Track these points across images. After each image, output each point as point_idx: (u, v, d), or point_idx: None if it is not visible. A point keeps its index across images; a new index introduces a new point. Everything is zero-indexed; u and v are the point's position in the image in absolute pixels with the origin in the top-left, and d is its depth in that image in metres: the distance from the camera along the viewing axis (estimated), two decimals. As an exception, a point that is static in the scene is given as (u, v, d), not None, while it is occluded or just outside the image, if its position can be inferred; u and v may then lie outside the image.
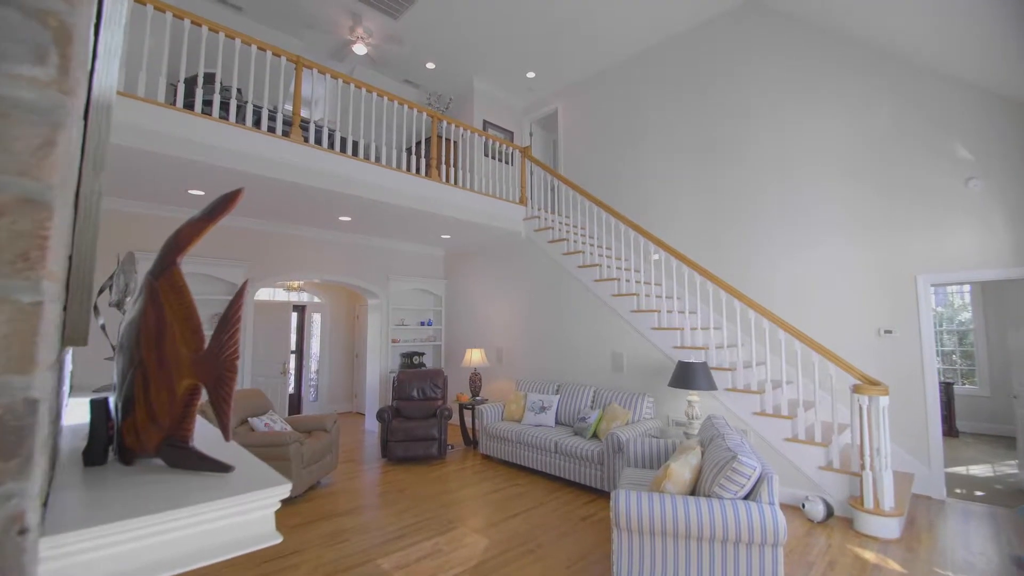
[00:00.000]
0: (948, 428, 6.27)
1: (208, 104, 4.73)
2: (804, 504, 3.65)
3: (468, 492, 4.33)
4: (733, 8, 5.72)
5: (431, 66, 7.04)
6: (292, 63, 4.37)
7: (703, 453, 2.84)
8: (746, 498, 2.39)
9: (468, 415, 6.24)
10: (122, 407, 0.76)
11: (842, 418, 4.49)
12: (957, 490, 4.34)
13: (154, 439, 0.72)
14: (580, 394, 5.13)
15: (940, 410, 4.28)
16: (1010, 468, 5.03)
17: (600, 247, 6.07)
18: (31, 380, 0.41)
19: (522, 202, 6.37)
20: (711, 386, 4.05)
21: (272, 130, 4.83)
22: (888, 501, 3.38)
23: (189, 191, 4.38)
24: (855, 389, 3.58)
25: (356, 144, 5.91)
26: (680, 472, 2.61)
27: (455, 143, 7.14)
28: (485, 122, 7.62)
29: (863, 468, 3.50)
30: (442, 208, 5.35)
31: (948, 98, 4.31)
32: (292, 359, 7.79)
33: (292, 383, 7.87)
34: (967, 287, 7.08)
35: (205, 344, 0.70)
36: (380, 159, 5.52)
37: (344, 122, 6.98)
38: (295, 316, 8.05)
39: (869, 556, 3.08)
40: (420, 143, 7.35)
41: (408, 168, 6.66)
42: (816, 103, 5.01)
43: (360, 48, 6.16)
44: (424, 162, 5.67)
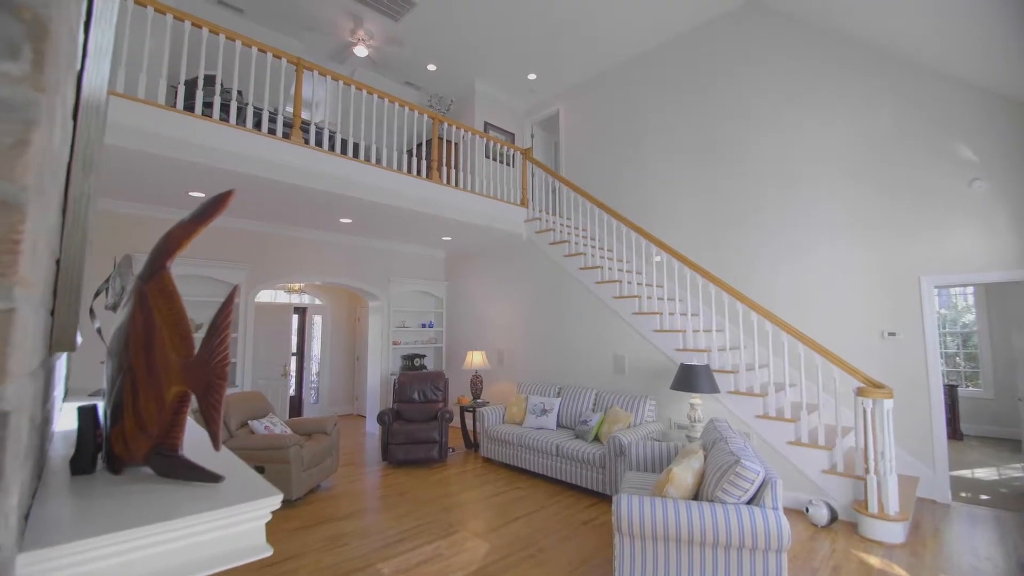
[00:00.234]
0: (952, 431, 6.23)
1: (208, 106, 4.72)
2: (808, 508, 3.62)
3: (469, 495, 4.31)
4: (734, 9, 5.70)
5: (432, 68, 7.04)
6: (293, 65, 4.36)
7: (706, 457, 2.81)
8: (750, 503, 2.36)
9: (469, 418, 6.22)
10: (111, 414, 0.74)
11: (846, 421, 4.46)
12: (962, 494, 4.30)
13: (143, 447, 0.70)
14: (581, 397, 5.11)
15: (944, 413, 4.24)
16: (1015, 471, 4.98)
17: (602, 249, 6.05)
18: (2, 391, 0.39)
19: (523, 204, 6.35)
20: (713, 389, 4.02)
21: (272, 132, 4.82)
22: (893, 505, 3.35)
23: (189, 193, 4.37)
24: (859, 392, 3.55)
25: (357, 146, 5.90)
26: (683, 476, 2.59)
27: (456, 145, 7.13)
28: (486, 124, 7.61)
29: (867, 472, 3.46)
30: (443, 210, 5.33)
31: (950, 99, 4.29)
32: (293, 361, 7.79)
33: (293, 385, 7.86)
34: (970, 289, 7.04)
35: (195, 350, 0.68)
36: (381, 161, 5.50)
37: (345, 124, 6.97)
38: (296, 318, 8.05)
39: (874, 561, 3.04)
40: (421, 145, 7.33)
41: (409, 170, 6.65)
42: (817, 104, 4.99)
43: (361, 50, 6.16)
44: (425, 164, 5.65)
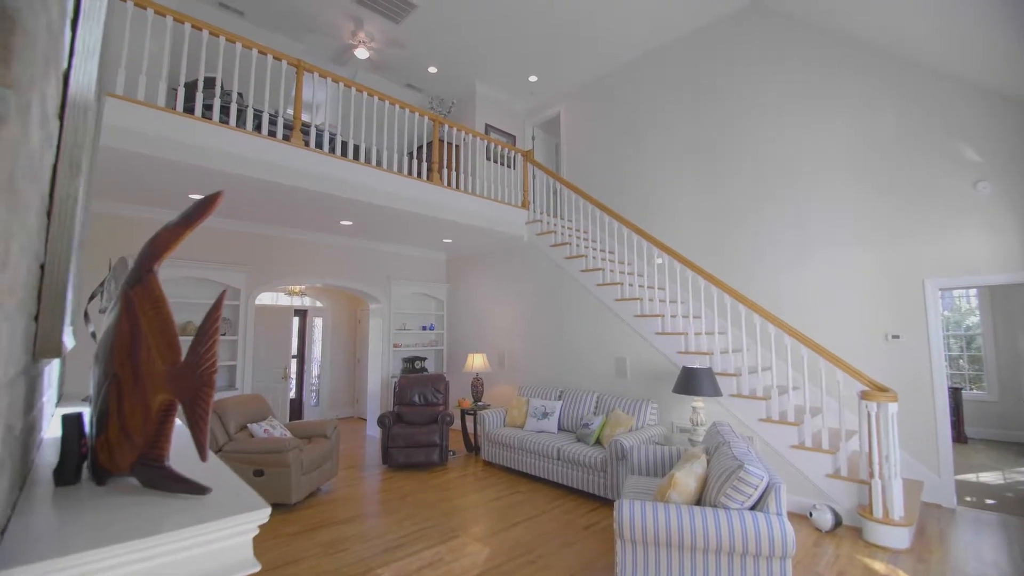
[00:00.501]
0: (957, 434, 6.19)
1: (208, 108, 4.71)
2: (812, 513, 3.58)
3: (470, 499, 4.28)
4: (735, 10, 5.68)
5: (433, 70, 7.03)
6: (293, 67, 4.36)
7: (708, 461, 2.78)
8: (753, 508, 2.33)
9: (470, 420, 6.19)
10: (96, 422, 0.72)
11: (849, 424, 4.42)
12: (967, 498, 4.26)
13: (128, 457, 0.68)
14: (583, 400, 5.07)
15: (949, 416, 4.20)
16: (1021, 475, 4.94)
17: (603, 251, 6.02)
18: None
19: (524, 206, 6.33)
20: (716, 392, 3.99)
21: (273, 134, 4.81)
22: (898, 510, 3.31)
23: (189, 195, 4.36)
24: (863, 396, 3.51)
25: (357, 148, 5.89)
26: (685, 481, 2.56)
27: (457, 147, 7.11)
28: (487, 126, 7.60)
29: (872, 476, 3.43)
30: (444, 212, 5.32)
31: (953, 100, 4.25)
32: (293, 364, 7.77)
33: (293, 388, 7.83)
34: (973, 291, 7.00)
35: (182, 357, 0.66)
36: (382, 163, 5.49)
37: (345, 126, 6.97)
38: (296, 321, 8.03)
39: (879, 567, 3.00)
40: (422, 147, 7.33)
41: (410, 172, 6.63)
42: (819, 105, 4.96)
43: (362, 52, 6.16)
44: (426, 166, 5.64)
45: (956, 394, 6.34)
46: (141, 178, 3.90)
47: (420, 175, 6.57)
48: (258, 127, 4.85)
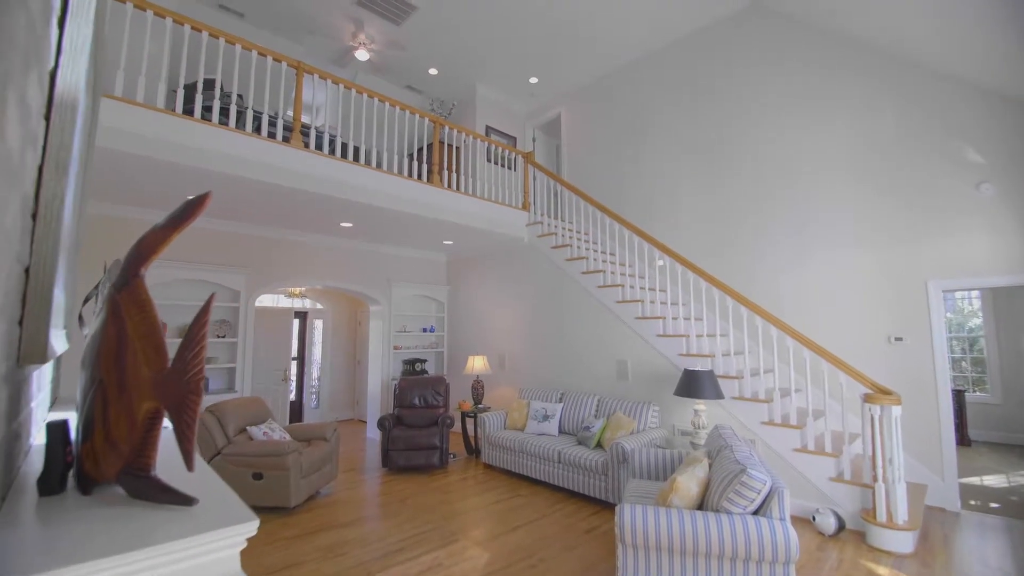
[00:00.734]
0: (960, 437, 6.14)
1: (208, 110, 4.70)
2: (815, 517, 3.55)
3: (470, 503, 4.25)
4: (734, 12, 5.67)
5: (434, 72, 7.02)
6: (293, 69, 4.34)
7: (710, 465, 2.75)
8: (756, 512, 2.30)
9: (470, 423, 6.16)
10: (82, 429, 0.70)
11: (852, 427, 4.38)
12: (972, 501, 4.22)
13: (114, 466, 0.66)
14: (584, 402, 5.05)
15: (953, 418, 4.17)
16: (1025, 478, 4.90)
17: (604, 253, 6.00)
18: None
19: (525, 208, 6.31)
20: (718, 395, 3.96)
21: (273, 136, 4.80)
22: (901, 514, 3.28)
23: (188, 197, 4.34)
24: (866, 399, 3.49)
25: (358, 150, 5.88)
26: (687, 485, 2.53)
27: (457, 148, 7.10)
28: (488, 127, 7.59)
29: (875, 479, 3.39)
30: (444, 214, 5.30)
31: (954, 101, 4.23)
32: (293, 366, 7.75)
33: (293, 390, 7.81)
34: (975, 293, 6.96)
35: (168, 363, 0.64)
36: (382, 165, 5.47)
37: (346, 128, 6.96)
38: (296, 323, 8.01)
39: (883, 572, 2.97)
40: (422, 149, 7.31)
41: (410, 174, 6.63)
42: (819, 106, 4.94)
43: (362, 54, 6.15)
44: (426, 168, 5.62)
45: (959, 396, 6.31)
46: (139, 180, 3.88)
47: (420, 177, 6.56)
48: (258, 129, 4.84)
